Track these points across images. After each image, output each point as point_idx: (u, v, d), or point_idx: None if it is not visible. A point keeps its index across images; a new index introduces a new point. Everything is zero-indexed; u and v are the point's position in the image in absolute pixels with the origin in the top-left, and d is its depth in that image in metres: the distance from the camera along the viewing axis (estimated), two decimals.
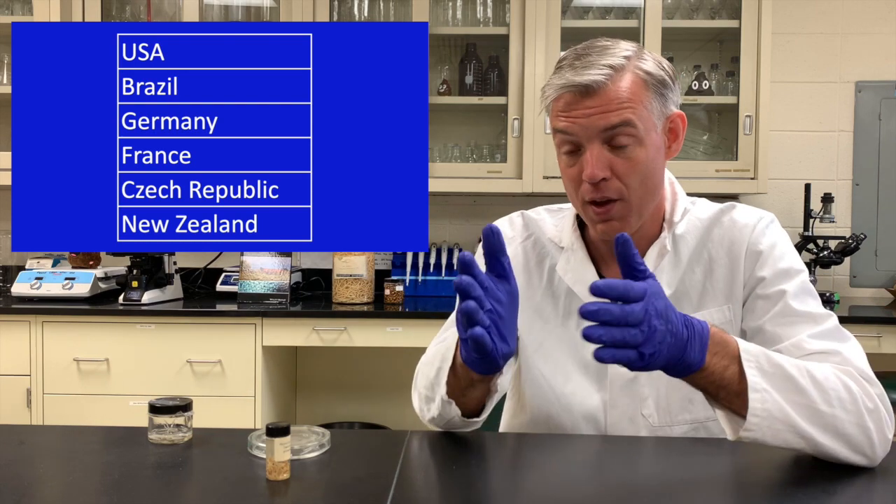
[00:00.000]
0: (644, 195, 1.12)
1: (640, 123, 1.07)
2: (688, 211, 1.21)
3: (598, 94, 1.06)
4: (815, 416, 0.93)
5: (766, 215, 1.20)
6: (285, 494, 0.88)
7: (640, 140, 1.08)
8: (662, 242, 1.18)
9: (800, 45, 3.17)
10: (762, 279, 1.14)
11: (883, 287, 3.17)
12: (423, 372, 1.17)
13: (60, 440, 1.15)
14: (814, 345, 1.06)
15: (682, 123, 1.16)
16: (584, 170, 1.08)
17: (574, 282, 1.22)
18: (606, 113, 1.06)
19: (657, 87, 1.10)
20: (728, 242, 1.18)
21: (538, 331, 1.24)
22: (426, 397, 1.14)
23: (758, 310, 1.14)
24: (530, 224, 1.29)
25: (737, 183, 2.87)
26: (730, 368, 0.92)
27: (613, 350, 0.83)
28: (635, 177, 1.09)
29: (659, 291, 0.88)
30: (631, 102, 1.06)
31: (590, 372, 1.21)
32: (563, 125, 1.09)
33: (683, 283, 1.19)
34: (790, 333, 1.09)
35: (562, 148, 1.12)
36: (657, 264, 1.18)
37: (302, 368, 3.23)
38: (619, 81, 1.07)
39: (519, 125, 2.87)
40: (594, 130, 1.07)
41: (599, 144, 1.08)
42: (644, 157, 1.09)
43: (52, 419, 2.60)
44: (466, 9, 3.03)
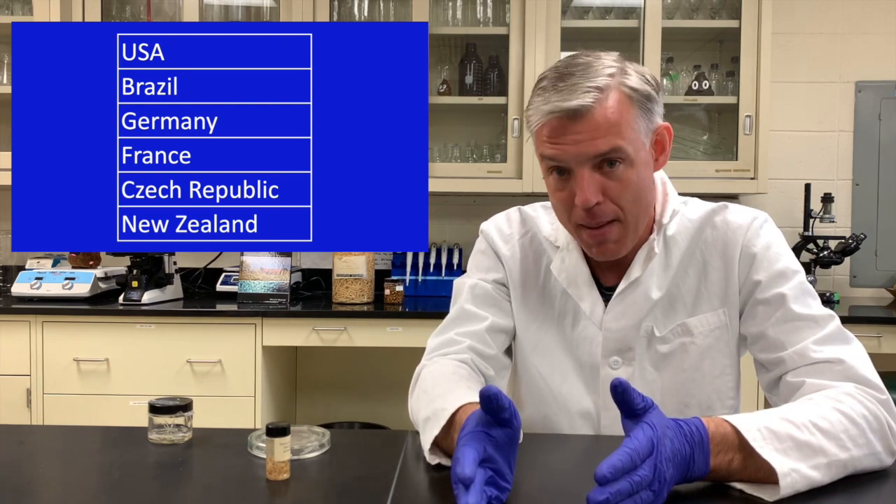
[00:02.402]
0: (639, 213, 1.11)
1: (629, 146, 1.05)
2: (677, 212, 1.19)
3: (585, 118, 1.03)
4: (834, 467, 0.90)
5: (759, 215, 1.18)
6: (285, 494, 0.88)
7: (630, 161, 1.06)
8: (650, 245, 1.16)
9: (800, 45, 3.17)
10: (758, 283, 1.13)
11: (883, 287, 3.17)
12: (421, 397, 1.09)
13: (60, 440, 1.15)
14: (818, 353, 1.05)
15: (669, 135, 1.14)
16: (575, 194, 1.06)
17: (568, 283, 1.21)
18: (595, 140, 1.04)
19: (643, 103, 1.07)
20: (721, 245, 1.17)
21: (535, 330, 1.24)
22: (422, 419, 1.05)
23: (759, 315, 1.13)
24: (527, 221, 1.28)
25: (737, 183, 2.87)
26: (735, 460, 0.88)
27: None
28: (628, 196, 1.07)
29: (662, 421, 0.83)
30: (618, 126, 1.04)
31: (584, 373, 1.20)
32: (550, 152, 1.07)
33: (677, 286, 1.17)
34: (793, 340, 1.08)
35: (550, 172, 1.10)
36: (645, 267, 1.16)
37: (302, 368, 3.23)
38: (606, 102, 1.04)
39: (519, 125, 2.87)
40: (583, 157, 1.05)
41: (590, 169, 1.05)
42: (635, 177, 1.07)
43: (52, 419, 2.59)
44: (466, 9, 3.03)
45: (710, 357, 1.18)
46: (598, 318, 1.19)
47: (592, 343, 1.19)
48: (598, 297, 1.19)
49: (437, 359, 1.19)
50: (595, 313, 1.19)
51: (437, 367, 1.16)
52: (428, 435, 0.99)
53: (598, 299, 1.19)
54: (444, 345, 1.21)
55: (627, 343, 1.18)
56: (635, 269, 1.17)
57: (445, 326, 1.25)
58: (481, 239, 1.30)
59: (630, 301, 1.17)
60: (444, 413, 0.98)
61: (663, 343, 1.18)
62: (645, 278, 1.16)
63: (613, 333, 1.18)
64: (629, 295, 1.17)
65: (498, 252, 1.27)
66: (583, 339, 1.20)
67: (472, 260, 1.31)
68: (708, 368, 1.18)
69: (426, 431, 1.00)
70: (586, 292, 1.19)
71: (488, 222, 1.31)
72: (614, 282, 1.19)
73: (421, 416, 1.04)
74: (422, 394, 1.11)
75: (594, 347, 1.19)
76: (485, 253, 1.28)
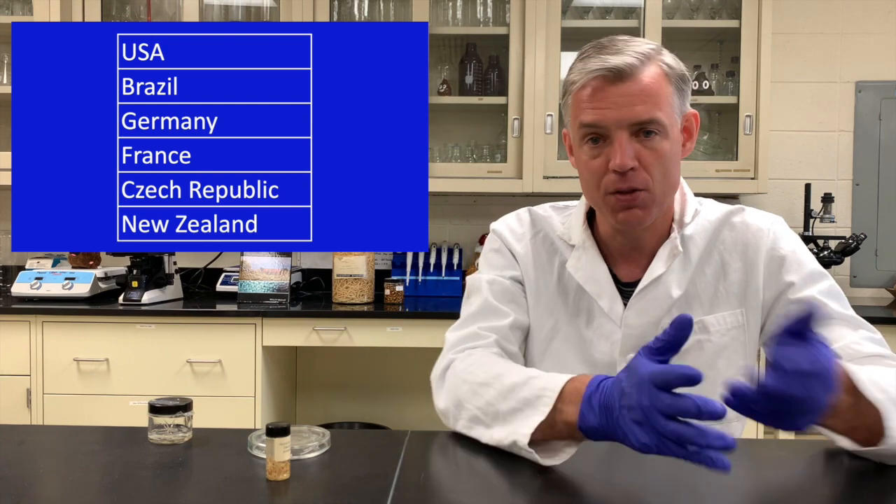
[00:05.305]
0: (666, 188, 1.12)
1: (665, 119, 1.08)
2: (697, 212, 1.21)
3: (629, 79, 1.06)
4: None
5: (777, 219, 1.22)
6: (285, 494, 0.88)
7: (665, 133, 1.09)
8: (674, 243, 1.18)
9: (800, 45, 3.17)
10: (791, 284, 1.16)
11: (883, 287, 3.17)
12: (477, 391, 1.04)
13: (60, 440, 1.14)
14: (867, 347, 1.08)
15: (696, 123, 1.18)
16: (611, 159, 1.08)
17: (585, 280, 1.21)
18: (635, 106, 1.06)
19: (678, 83, 1.11)
20: (742, 246, 1.19)
21: (548, 329, 1.24)
22: (476, 419, 1.03)
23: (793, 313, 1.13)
24: (538, 220, 1.28)
25: (737, 183, 2.87)
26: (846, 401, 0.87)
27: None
28: (660, 168, 1.09)
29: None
30: (658, 97, 1.07)
31: (598, 372, 1.19)
32: (591, 118, 1.08)
33: (694, 284, 1.19)
34: (835, 336, 1.09)
35: (584, 140, 1.11)
36: (668, 264, 1.17)
37: (302, 368, 3.23)
38: (648, 70, 1.07)
39: (519, 125, 2.87)
40: (624, 121, 1.07)
41: (628, 135, 1.08)
42: (668, 150, 1.10)
43: (52, 419, 2.59)
44: (466, 9, 3.03)
45: (724, 356, 1.19)
46: (617, 316, 1.19)
47: (609, 340, 1.19)
48: (616, 294, 1.19)
49: (471, 351, 1.15)
50: (614, 310, 1.19)
51: (478, 358, 1.11)
52: (531, 421, 0.93)
53: (617, 296, 1.19)
54: (470, 338, 1.18)
55: (646, 340, 1.15)
56: (658, 265, 1.18)
57: (467, 321, 1.22)
58: (494, 238, 1.29)
59: (652, 297, 1.18)
60: (549, 393, 0.94)
61: None
62: (667, 276, 1.17)
63: (634, 330, 1.18)
64: (651, 291, 1.18)
65: (512, 250, 1.26)
66: (599, 336, 1.20)
67: (484, 259, 1.30)
68: (723, 367, 1.18)
69: (522, 420, 0.95)
70: (605, 289, 1.20)
71: (499, 222, 1.30)
72: (630, 276, 1.20)
73: (501, 408, 0.99)
74: (481, 387, 1.04)
75: (612, 345, 1.19)
76: (499, 251, 1.27)
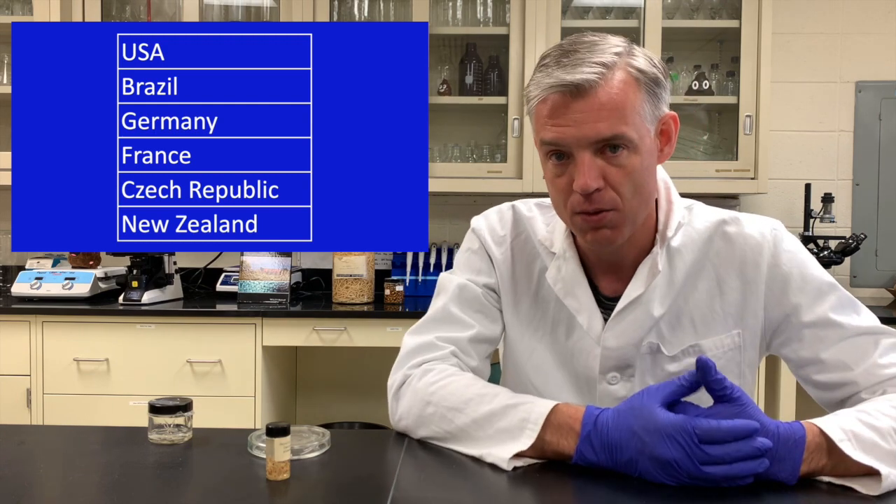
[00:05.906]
0: (638, 205, 1.04)
1: (633, 132, 0.99)
2: (682, 224, 1.12)
3: (589, 95, 0.97)
4: None
5: (773, 223, 1.14)
6: (285, 494, 0.88)
7: (634, 147, 0.99)
8: (654, 259, 1.09)
9: (800, 45, 3.17)
10: (798, 305, 1.09)
11: (883, 287, 3.17)
12: (446, 416, 1.04)
13: (60, 440, 1.14)
14: (889, 368, 1.04)
15: (675, 124, 1.07)
16: (574, 180, 1.00)
17: (564, 294, 1.14)
18: (597, 122, 0.97)
19: (650, 87, 1.01)
20: (739, 262, 1.11)
21: (528, 339, 1.18)
22: (446, 438, 1.03)
23: (807, 339, 1.09)
24: (521, 221, 1.20)
25: (737, 183, 2.87)
26: (827, 465, 0.90)
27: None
28: (629, 185, 1.01)
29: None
30: (623, 109, 0.98)
31: (580, 385, 1.15)
32: (550, 136, 1.00)
33: (684, 300, 1.11)
34: (856, 358, 1.06)
35: (548, 157, 1.03)
36: (648, 283, 1.09)
37: (302, 368, 3.23)
38: (611, 81, 0.97)
39: (519, 125, 2.87)
40: (585, 140, 0.98)
41: (591, 153, 0.99)
42: (638, 164, 1.00)
43: (52, 419, 2.59)
44: (466, 9, 3.03)
45: None
46: (595, 333, 1.12)
47: (589, 356, 1.13)
48: (595, 309, 1.12)
49: (428, 367, 1.12)
50: (593, 328, 1.12)
51: (439, 377, 1.09)
52: (512, 447, 0.95)
53: (597, 312, 1.12)
54: (426, 348, 1.14)
55: (627, 360, 1.12)
56: (637, 285, 1.10)
57: (426, 326, 1.17)
58: (473, 237, 1.22)
59: (631, 319, 1.10)
60: (531, 426, 0.96)
61: (672, 362, 1.12)
62: (647, 295, 1.10)
63: (613, 352, 1.11)
64: (630, 313, 1.10)
65: (491, 254, 1.19)
66: (578, 350, 1.14)
67: (461, 257, 1.23)
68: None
69: (501, 446, 0.97)
70: (584, 305, 1.13)
71: (480, 219, 1.23)
72: (612, 290, 1.13)
73: (477, 435, 1.00)
74: (450, 412, 1.03)
75: (591, 361, 1.13)
76: (477, 253, 1.21)
